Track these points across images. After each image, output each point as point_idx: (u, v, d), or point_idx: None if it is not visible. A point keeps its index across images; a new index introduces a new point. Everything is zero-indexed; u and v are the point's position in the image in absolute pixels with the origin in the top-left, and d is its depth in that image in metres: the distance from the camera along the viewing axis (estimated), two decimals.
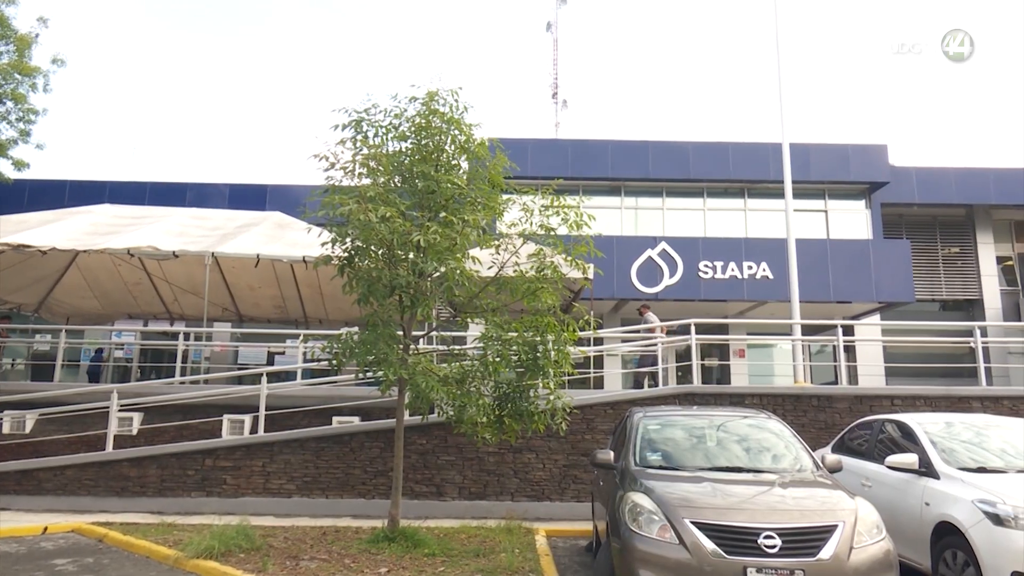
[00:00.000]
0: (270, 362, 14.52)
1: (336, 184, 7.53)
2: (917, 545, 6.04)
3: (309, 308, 15.72)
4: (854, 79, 75.64)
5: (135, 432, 10.58)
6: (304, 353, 12.60)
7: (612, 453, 6.51)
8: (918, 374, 15.84)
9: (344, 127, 7.62)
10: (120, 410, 10.38)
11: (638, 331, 13.65)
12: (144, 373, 15.71)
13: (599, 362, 16.16)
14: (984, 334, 11.96)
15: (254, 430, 10.34)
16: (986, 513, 5.35)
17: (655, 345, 12.16)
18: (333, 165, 7.55)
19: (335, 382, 10.90)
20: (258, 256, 12.17)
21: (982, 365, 11.27)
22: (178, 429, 10.57)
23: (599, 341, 14.04)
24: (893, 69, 76.18)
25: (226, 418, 10.50)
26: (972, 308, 22.86)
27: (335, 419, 10.56)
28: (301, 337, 12.96)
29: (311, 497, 9.79)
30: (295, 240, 12.57)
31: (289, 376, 12.29)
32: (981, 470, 6.06)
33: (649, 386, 12.68)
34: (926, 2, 77.89)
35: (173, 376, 12.41)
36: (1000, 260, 23.27)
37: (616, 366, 17.10)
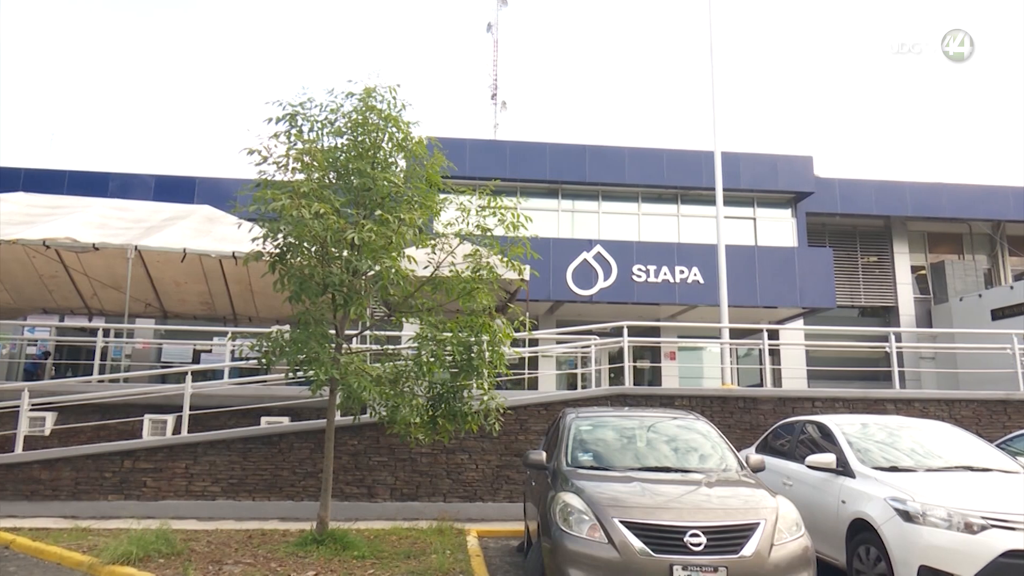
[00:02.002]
0: (196, 360, 14.09)
1: (269, 179, 7.34)
2: (834, 541, 6.30)
3: (238, 305, 15.28)
4: (787, 88, 78.33)
5: (48, 433, 10.06)
6: (232, 351, 12.24)
7: (544, 454, 6.55)
8: (838, 377, 16.52)
9: (278, 120, 7.44)
10: (32, 409, 9.86)
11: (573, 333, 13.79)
12: (60, 371, 14.99)
13: (534, 363, 16.27)
14: (898, 340, 12.57)
15: (177, 431, 9.98)
16: (897, 510, 5.61)
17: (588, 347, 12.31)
18: (266, 159, 7.36)
19: (264, 381, 10.64)
20: (185, 250, 11.76)
21: (896, 369, 11.84)
22: (95, 430, 10.11)
23: (534, 342, 14.14)
24: (824, 78, 79.09)
25: (147, 418, 10.09)
26: (888, 314, 24.03)
27: (264, 419, 10.29)
28: (229, 335, 12.60)
29: (237, 499, 9.51)
30: (225, 235, 12.21)
31: (216, 375, 11.93)
32: (893, 469, 6.35)
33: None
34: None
35: (91, 374, 11.86)
36: (914, 269, 24.53)
37: (551, 367, 17.24)
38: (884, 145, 72.23)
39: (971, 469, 6.37)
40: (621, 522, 4.89)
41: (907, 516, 5.52)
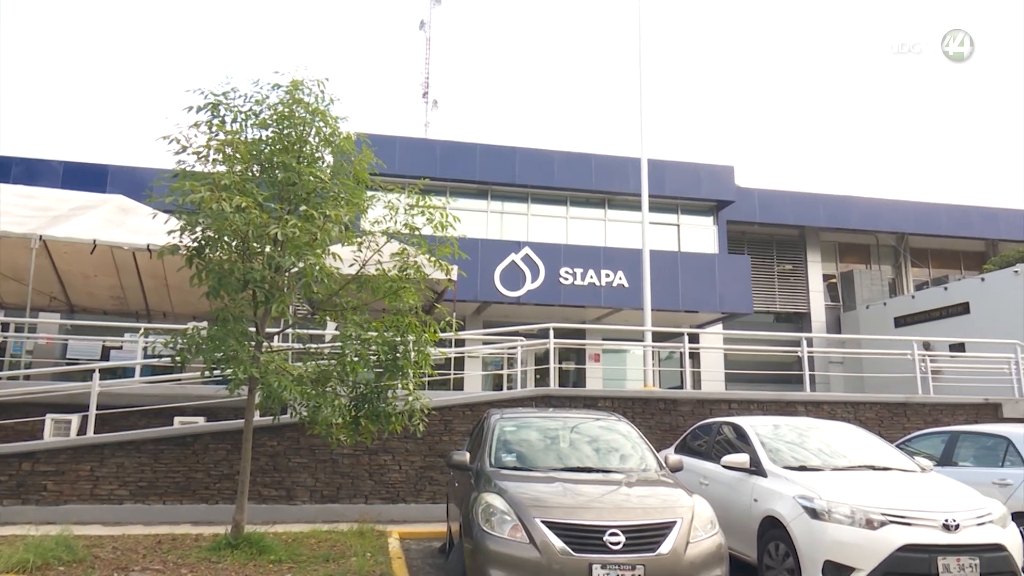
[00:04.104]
0: (105, 357, 13.43)
1: (188, 169, 7.07)
2: (746, 538, 6.53)
3: (152, 300, 14.65)
4: (711, 98, 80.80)
5: None
6: (145, 348, 11.72)
7: (468, 454, 6.56)
8: (754, 380, 17.17)
9: (199, 109, 7.17)
10: None
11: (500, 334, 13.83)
12: None
13: (460, 364, 16.22)
14: (810, 344, 13.15)
15: (83, 431, 9.48)
16: (805, 508, 5.87)
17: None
18: (185, 149, 7.08)
19: (179, 380, 10.23)
20: (95, 241, 11.19)
21: (807, 373, 12.38)
22: None
23: (461, 343, 14.12)
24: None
25: (49, 418, 9.54)
26: (801, 320, 25.13)
27: (177, 419, 9.89)
28: (142, 331, 12.05)
29: (146, 503, 9.12)
30: (139, 226, 11.67)
31: (127, 373, 11.40)
32: (802, 468, 6.64)
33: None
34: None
35: None
36: (826, 278, 25.77)
37: (477, 368, 17.25)
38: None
39: (873, 468, 6.72)
40: (543, 522, 4.93)
41: (814, 513, 5.79)
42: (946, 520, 5.58)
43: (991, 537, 5.62)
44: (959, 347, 17.04)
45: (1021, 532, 6.12)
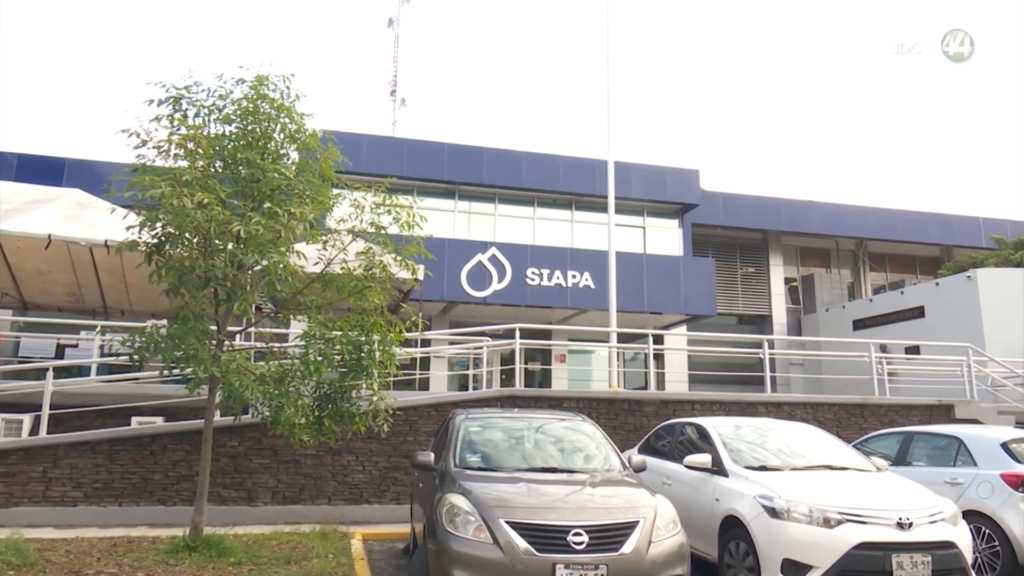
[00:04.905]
0: (60, 356, 13.08)
1: (148, 164, 6.92)
2: (708, 537, 6.61)
3: (110, 297, 14.29)
4: (682, 101, 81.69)
5: None
6: (102, 346, 11.42)
7: (432, 455, 6.53)
8: (716, 381, 17.39)
9: (161, 103, 7.02)
10: None
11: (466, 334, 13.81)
12: None
13: (426, 364, 16.16)
14: (771, 346, 13.38)
15: (35, 431, 9.22)
16: (764, 507, 5.97)
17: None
18: (145, 143, 6.93)
19: (137, 379, 10.03)
20: (50, 236, 10.86)
21: (768, 374, 12.59)
22: None
23: (426, 343, 14.06)
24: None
25: (0, 417, 9.26)
26: (763, 323, 25.55)
27: (135, 419, 9.67)
28: (98, 328, 11.75)
29: (102, 505, 8.89)
30: (96, 221, 11.37)
31: (82, 371, 11.11)
32: (763, 468, 6.75)
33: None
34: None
35: None
36: (787, 281, 26.26)
37: (443, 368, 17.19)
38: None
39: (831, 468, 6.86)
40: (506, 522, 4.94)
41: (773, 512, 5.88)
42: (900, 519, 5.73)
43: (943, 535, 5.78)
44: (914, 350, 17.50)
45: (971, 530, 6.32)
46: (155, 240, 6.92)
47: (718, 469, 6.84)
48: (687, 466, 7.10)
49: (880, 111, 78.33)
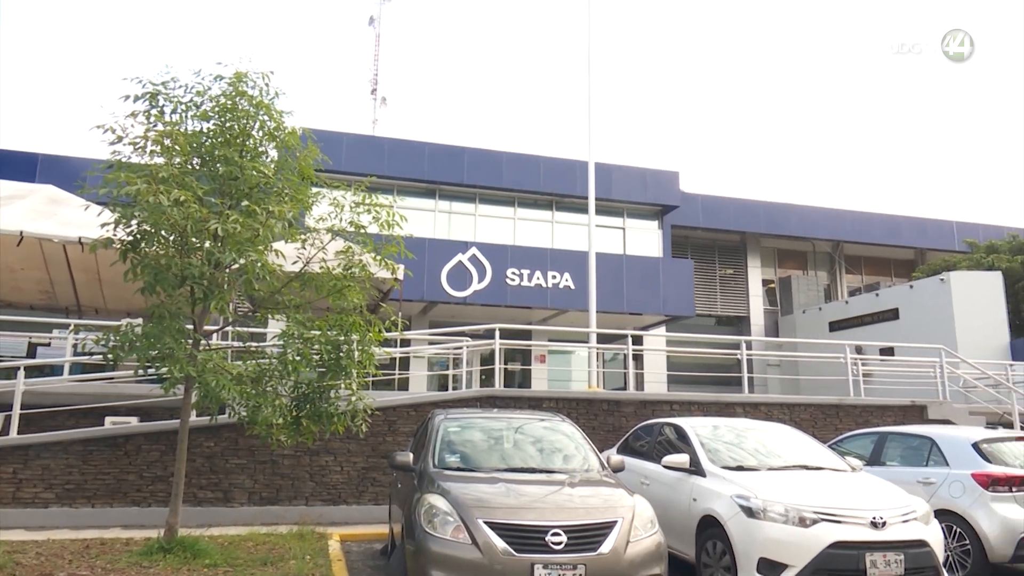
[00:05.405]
0: (32, 354, 12.84)
1: (123, 160, 6.83)
2: (685, 537, 6.65)
3: (84, 295, 14.08)
4: (662, 102, 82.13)
5: None
6: (75, 345, 11.25)
7: (411, 455, 6.50)
8: (695, 382, 17.50)
9: (137, 99, 6.93)
10: None
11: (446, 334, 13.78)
12: None
13: (405, 364, 16.10)
14: (748, 347, 13.51)
15: (6, 431, 9.04)
16: (741, 507, 6.02)
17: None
18: (121, 139, 6.84)
19: (111, 379, 9.87)
20: (22, 233, 10.68)
21: (746, 375, 12.71)
22: None
23: (406, 343, 14.01)
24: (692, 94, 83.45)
25: None
26: (741, 324, 25.79)
27: (108, 419, 9.52)
28: (72, 327, 11.57)
29: (74, 507, 8.76)
30: (70, 218, 11.19)
31: (55, 371, 10.92)
32: (740, 468, 6.80)
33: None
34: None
35: None
36: (765, 283, 26.53)
37: (422, 368, 17.15)
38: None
39: (807, 468, 6.93)
40: (485, 523, 4.94)
41: (750, 512, 5.93)
42: (874, 518, 5.81)
43: (915, 534, 5.87)
44: (888, 351, 17.75)
45: (942, 528, 6.42)
46: (131, 237, 6.82)
47: (696, 469, 6.88)
48: (665, 466, 7.14)
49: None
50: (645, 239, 22.88)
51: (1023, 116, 75.51)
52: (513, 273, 19.65)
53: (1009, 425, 12.89)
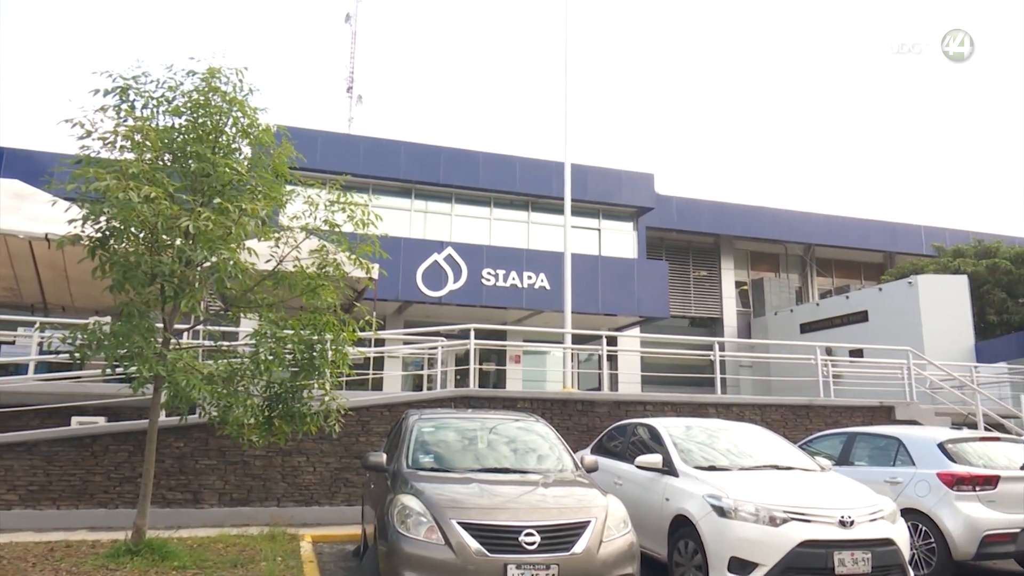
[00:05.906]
0: None
1: (92, 155, 6.70)
2: (658, 536, 6.70)
3: (50, 293, 13.80)
4: (642, 104, 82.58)
5: None
6: (40, 344, 11.02)
7: (385, 455, 6.47)
8: (668, 382, 17.62)
9: (107, 93, 6.80)
10: None
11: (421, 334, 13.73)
12: None
13: (380, 364, 16.02)
14: (722, 348, 13.64)
15: None
16: (713, 506, 6.08)
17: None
18: (90, 134, 6.70)
19: (78, 378, 9.70)
20: None
21: (718, 376, 12.83)
22: None
23: (380, 342, 13.93)
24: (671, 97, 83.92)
25: None
26: (714, 325, 26.04)
27: (75, 419, 9.34)
28: (37, 325, 11.35)
29: (38, 508, 8.58)
30: (36, 214, 10.96)
31: (20, 369, 10.70)
32: (712, 468, 6.86)
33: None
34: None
35: None
36: (738, 285, 26.82)
37: (397, 368, 17.07)
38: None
39: (777, 468, 7.01)
40: (458, 523, 4.93)
41: (721, 512, 5.99)
42: (842, 517, 5.90)
43: (882, 532, 5.97)
44: (858, 353, 18.04)
45: (908, 527, 6.54)
46: (99, 234, 6.70)
47: (668, 469, 6.93)
48: (638, 466, 7.18)
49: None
50: (620, 240, 23.00)
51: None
52: (489, 273, 19.64)
53: (973, 426, 13.16)
